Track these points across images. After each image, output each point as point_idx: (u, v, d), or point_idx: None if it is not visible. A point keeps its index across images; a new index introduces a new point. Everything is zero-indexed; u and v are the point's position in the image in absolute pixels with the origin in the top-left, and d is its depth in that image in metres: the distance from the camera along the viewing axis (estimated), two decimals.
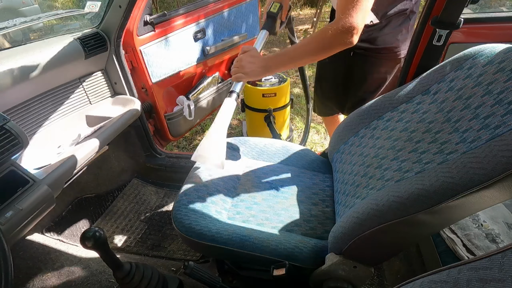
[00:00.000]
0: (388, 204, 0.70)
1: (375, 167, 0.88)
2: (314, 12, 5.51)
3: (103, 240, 0.88)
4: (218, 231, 0.91)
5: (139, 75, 1.65)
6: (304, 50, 0.98)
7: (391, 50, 1.29)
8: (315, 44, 0.96)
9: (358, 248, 0.77)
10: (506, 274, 0.35)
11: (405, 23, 1.26)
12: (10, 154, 0.93)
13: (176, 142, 2.60)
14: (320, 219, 1.01)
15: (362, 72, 1.39)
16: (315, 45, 0.96)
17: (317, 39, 0.95)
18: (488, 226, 1.14)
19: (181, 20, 1.74)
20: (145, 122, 1.74)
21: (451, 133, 0.74)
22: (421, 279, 0.45)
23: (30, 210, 0.97)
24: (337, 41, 0.91)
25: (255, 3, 2.25)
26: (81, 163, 1.23)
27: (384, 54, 1.30)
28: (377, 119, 1.02)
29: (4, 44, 2.72)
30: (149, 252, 1.46)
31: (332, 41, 0.92)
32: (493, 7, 2.61)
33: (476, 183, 0.58)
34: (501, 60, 0.73)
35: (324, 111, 1.75)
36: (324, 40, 0.93)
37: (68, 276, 1.30)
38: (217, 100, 2.17)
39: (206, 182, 1.08)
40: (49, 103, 1.34)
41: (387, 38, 1.26)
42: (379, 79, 1.38)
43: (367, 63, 1.35)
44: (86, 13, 1.53)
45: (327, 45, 0.93)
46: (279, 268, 0.84)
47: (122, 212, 1.67)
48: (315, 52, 0.97)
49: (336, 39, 0.91)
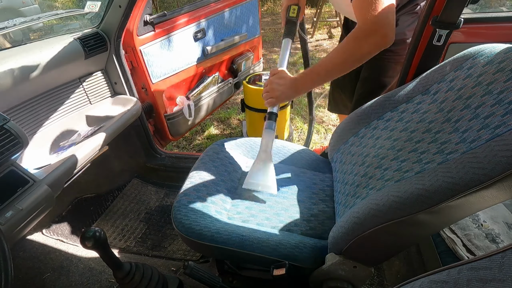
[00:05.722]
0: (388, 204, 0.70)
1: (375, 167, 0.88)
2: (314, 12, 5.51)
3: (103, 240, 0.88)
4: (218, 231, 0.90)
5: (139, 75, 1.65)
6: (335, 64, 0.94)
7: (396, 52, 1.25)
8: (345, 56, 0.92)
9: (358, 248, 0.77)
10: (506, 274, 0.35)
11: (414, 24, 1.21)
12: (10, 154, 0.93)
13: (176, 142, 2.60)
14: (320, 219, 1.01)
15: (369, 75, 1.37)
16: (345, 57, 0.92)
17: (347, 50, 0.91)
18: (488, 226, 1.14)
19: (181, 20, 1.74)
20: (145, 122, 1.74)
21: (451, 133, 0.74)
22: (421, 279, 0.45)
23: (30, 210, 0.97)
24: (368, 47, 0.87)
25: (255, 3, 2.25)
26: (81, 163, 1.23)
27: (388, 56, 1.25)
28: (377, 119, 1.02)
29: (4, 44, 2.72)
30: (149, 252, 1.46)
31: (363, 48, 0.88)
32: (493, 7, 2.61)
33: (476, 183, 0.58)
34: (501, 60, 0.73)
35: (337, 108, 1.74)
36: (355, 49, 0.89)
37: (68, 276, 1.30)
38: (217, 100, 2.17)
39: (206, 182, 1.08)
40: (49, 103, 1.34)
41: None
42: (382, 84, 1.35)
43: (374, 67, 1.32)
44: (86, 13, 1.53)
45: (359, 54, 0.89)
46: (279, 268, 0.84)
47: (122, 212, 1.67)
48: (347, 64, 0.93)
49: (366, 44, 0.87)
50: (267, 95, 1.08)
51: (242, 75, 2.29)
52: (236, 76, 2.31)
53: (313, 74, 1.00)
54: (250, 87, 2.01)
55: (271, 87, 1.06)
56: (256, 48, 2.45)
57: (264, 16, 6.14)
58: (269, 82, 1.08)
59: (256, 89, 2.00)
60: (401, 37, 1.20)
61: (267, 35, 5.10)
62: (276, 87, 1.05)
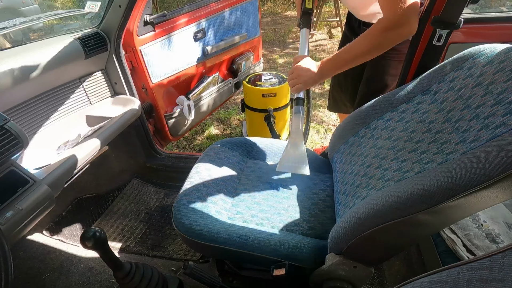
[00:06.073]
0: (388, 204, 0.70)
1: (375, 167, 0.88)
2: (314, 12, 5.50)
3: (103, 240, 0.88)
4: (218, 231, 0.90)
5: (139, 75, 1.65)
6: (361, 52, 0.99)
7: (399, 51, 1.26)
8: (372, 45, 0.97)
9: (358, 248, 0.77)
10: (506, 274, 0.35)
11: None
12: (10, 154, 0.93)
13: (176, 142, 2.60)
14: (320, 219, 1.01)
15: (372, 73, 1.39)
16: (372, 46, 0.97)
17: (375, 39, 0.96)
18: (488, 226, 1.14)
19: (181, 20, 1.74)
20: (145, 122, 1.74)
21: (451, 133, 0.74)
22: (421, 279, 0.45)
23: (30, 210, 0.97)
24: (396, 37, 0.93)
25: (255, 3, 2.25)
26: (81, 163, 1.23)
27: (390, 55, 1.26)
28: (377, 119, 1.02)
29: (4, 44, 2.72)
30: (149, 252, 1.46)
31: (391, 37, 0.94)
32: (493, 7, 2.62)
33: (476, 183, 0.58)
34: (501, 60, 0.73)
35: (337, 107, 1.75)
36: (382, 38, 0.95)
37: (68, 276, 1.30)
38: (217, 100, 2.17)
39: (206, 182, 1.08)
40: (49, 103, 1.34)
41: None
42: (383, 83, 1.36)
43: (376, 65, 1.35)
44: (86, 13, 1.53)
45: (386, 43, 0.96)
46: (279, 268, 0.84)
47: (122, 212, 1.67)
48: (373, 52, 0.98)
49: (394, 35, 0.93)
50: (294, 81, 1.12)
51: (242, 75, 2.30)
52: (236, 76, 2.31)
53: (338, 59, 1.04)
54: (250, 87, 2.01)
55: (298, 73, 1.10)
56: (256, 48, 2.45)
57: (264, 16, 6.14)
58: (295, 68, 1.11)
59: (256, 89, 2.00)
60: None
61: (267, 35, 5.10)
62: (302, 73, 1.09)
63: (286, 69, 3.88)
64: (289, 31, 5.24)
